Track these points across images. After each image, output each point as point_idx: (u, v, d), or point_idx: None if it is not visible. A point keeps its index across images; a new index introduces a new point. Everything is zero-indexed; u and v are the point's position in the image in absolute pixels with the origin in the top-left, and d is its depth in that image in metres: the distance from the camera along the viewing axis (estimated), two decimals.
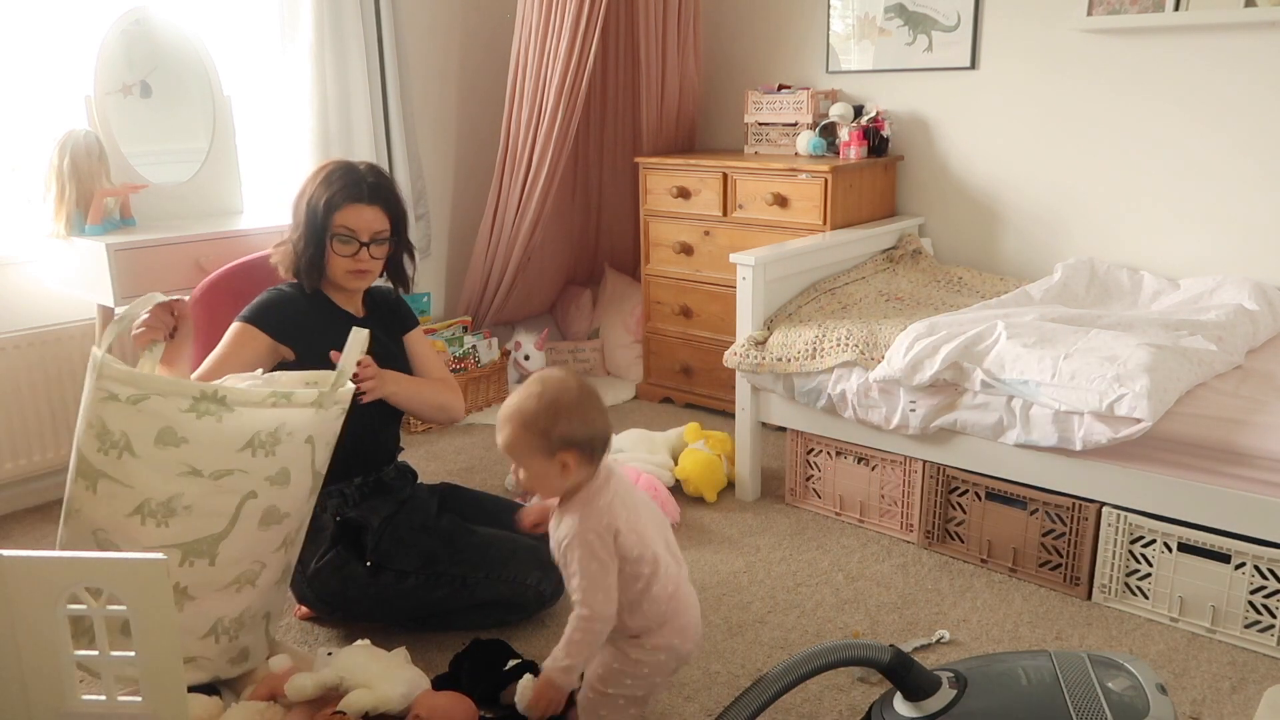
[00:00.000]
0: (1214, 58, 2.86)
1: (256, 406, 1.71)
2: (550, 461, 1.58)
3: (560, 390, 1.59)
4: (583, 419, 1.59)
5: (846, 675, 1.99)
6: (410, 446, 3.30)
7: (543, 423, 1.56)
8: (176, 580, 1.70)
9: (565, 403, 1.58)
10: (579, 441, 1.58)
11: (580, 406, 1.59)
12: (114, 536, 1.68)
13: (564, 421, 1.57)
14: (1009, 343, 2.32)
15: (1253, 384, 2.27)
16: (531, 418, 1.57)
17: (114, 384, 1.65)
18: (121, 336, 1.87)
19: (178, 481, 1.68)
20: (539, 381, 1.61)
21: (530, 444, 1.58)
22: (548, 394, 1.58)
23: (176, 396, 1.66)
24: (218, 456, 1.69)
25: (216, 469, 1.69)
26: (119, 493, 1.67)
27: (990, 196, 3.37)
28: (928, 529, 2.54)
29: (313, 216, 2.10)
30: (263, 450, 1.73)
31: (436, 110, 3.80)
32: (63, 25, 2.83)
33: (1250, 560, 2.05)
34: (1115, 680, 1.58)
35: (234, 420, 1.69)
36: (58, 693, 1.51)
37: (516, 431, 1.58)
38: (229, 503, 1.72)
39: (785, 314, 2.82)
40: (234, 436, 1.70)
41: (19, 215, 2.82)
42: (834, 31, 3.60)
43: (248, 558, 1.79)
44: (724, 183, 3.42)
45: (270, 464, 1.75)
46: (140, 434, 1.65)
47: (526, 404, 1.58)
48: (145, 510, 1.67)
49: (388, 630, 2.15)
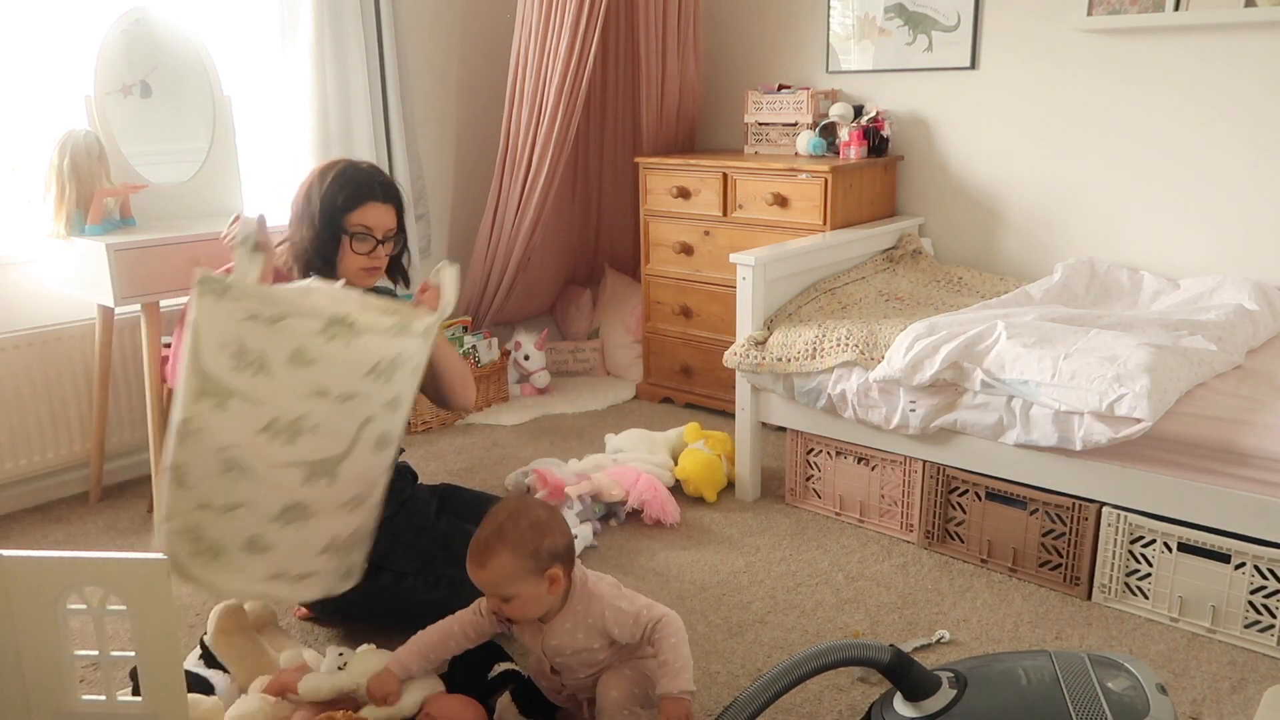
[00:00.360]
0: (1214, 58, 2.86)
1: (381, 334, 1.72)
2: (540, 581, 1.64)
3: (531, 510, 1.67)
4: (560, 531, 1.67)
5: (846, 675, 1.99)
6: (410, 447, 3.30)
7: (530, 544, 1.63)
8: (299, 498, 1.72)
9: (541, 520, 1.66)
10: (562, 553, 1.66)
11: (553, 520, 1.68)
12: (242, 453, 1.68)
13: (547, 537, 1.64)
14: (1009, 343, 2.32)
15: (1253, 384, 2.27)
16: (518, 542, 1.62)
17: (255, 303, 1.65)
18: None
19: (306, 401, 1.69)
20: (506, 510, 1.67)
21: (521, 567, 1.63)
22: (523, 516, 1.65)
23: (310, 318, 1.66)
24: (345, 379, 1.70)
25: (343, 391, 1.70)
26: (251, 411, 1.67)
27: (990, 196, 3.37)
28: (928, 529, 2.54)
29: (327, 215, 2.09)
30: (383, 377, 1.74)
31: (436, 110, 3.80)
32: (63, 25, 2.83)
33: (1250, 560, 2.05)
34: (1115, 680, 1.58)
35: (360, 345, 1.70)
36: (58, 692, 1.51)
37: (505, 560, 1.63)
38: (351, 425, 1.74)
39: (785, 314, 2.82)
40: (360, 361, 1.71)
41: (19, 215, 2.82)
42: (834, 31, 3.60)
43: (362, 480, 1.82)
44: (724, 183, 3.42)
45: (388, 390, 1.77)
46: (275, 353, 1.66)
47: (508, 532, 1.63)
48: (274, 428, 1.68)
49: (387, 630, 2.15)
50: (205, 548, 1.69)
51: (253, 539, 1.70)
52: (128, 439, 3.03)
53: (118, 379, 2.96)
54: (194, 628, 2.20)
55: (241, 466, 1.67)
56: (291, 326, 1.65)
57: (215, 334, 1.66)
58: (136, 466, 3.10)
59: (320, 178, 2.13)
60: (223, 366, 1.66)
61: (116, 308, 2.64)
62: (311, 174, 2.17)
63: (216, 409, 1.67)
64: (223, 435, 1.68)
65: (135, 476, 3.09)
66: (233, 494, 1.68)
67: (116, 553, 1.66)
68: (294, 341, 1.65)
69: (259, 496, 1.69)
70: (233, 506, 1.68)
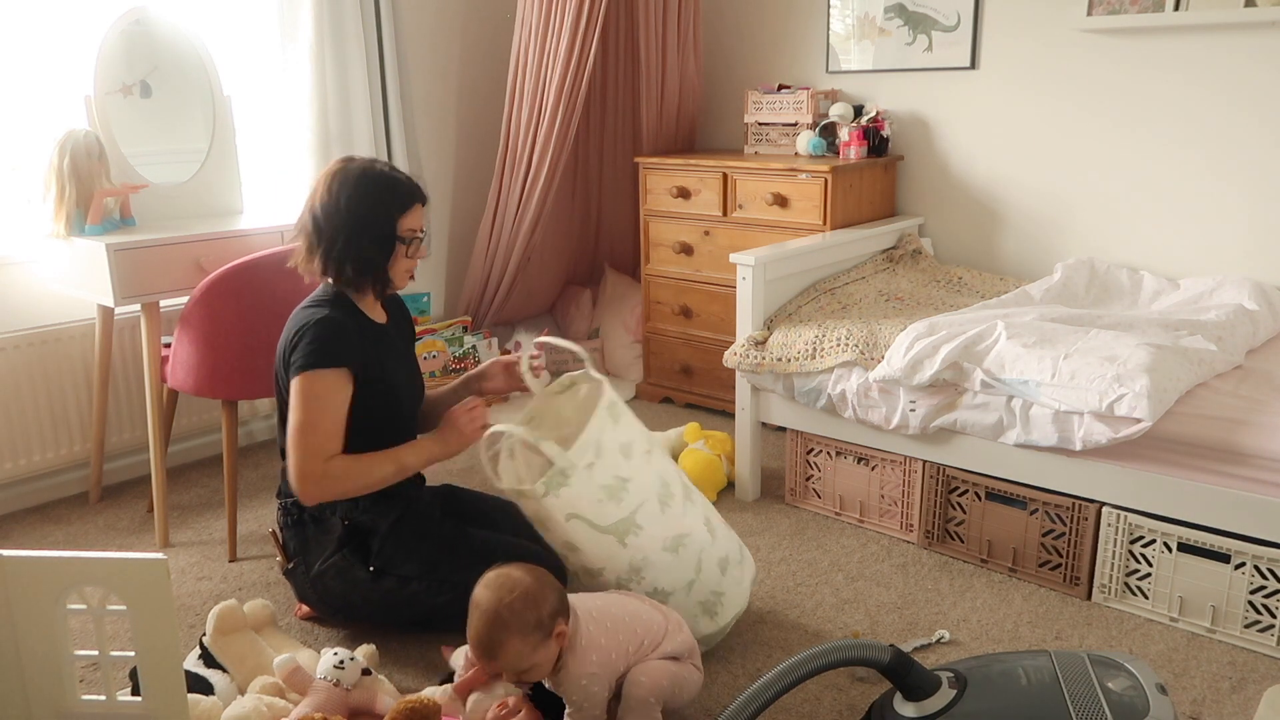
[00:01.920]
0: (1214, 58, 2.86)
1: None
2: (550, 642, 1.66)
3: (516, 584, 1.65)
4: (548, 586, 1.68)
5: (846, 675, 1.99)
6: None
7: (531, 619, 1.63)
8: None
9: (530, 589, 1.65)
10: (560, 609, 1.67)
11: (539, 582, 1.67)
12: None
13: (543, 603, 1.65)
14: (1009, 343, 2.32)
15: (1253, 384, 2.27)
16: (520, 624, 1.62)
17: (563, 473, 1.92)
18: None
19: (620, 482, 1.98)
20: (497, 589, 1.66)
21: (530, 643, 1.63)
22: (517, 589, 1.64)
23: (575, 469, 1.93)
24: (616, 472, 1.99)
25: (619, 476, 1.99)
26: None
27: (990, 196, 3.37)
28: (928, 529, 2.54)
29: (380, 223, 2.06)
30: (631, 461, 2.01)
31: (436, 110, 3.80)
32: (63, 25, 2.83)
33: (1250, 560, 2.05)
34: (1115, 680, 1.58)
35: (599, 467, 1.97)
36: (58, 692, 1.51)
37: (515, 645, 1.63)
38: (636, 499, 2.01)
39: (785, 314, 2.82)
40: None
41: (19, 215, 2.82)
42: (834, 31, 3.60)
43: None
44: (724, 183, 3.42)
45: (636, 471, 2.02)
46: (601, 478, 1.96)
47: (506, 619, 1.62)
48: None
49: (386, 631, 2.15)
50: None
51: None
52: (128, 439, 3.03)
53: (118, 379, 2.97)
54: (194, 628, 2.20)
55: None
56: (581, 477, 1.92)
57: (585, 499, 1.93)
58: (136, 466, 3.10)
59: (355, 185, 2.05)
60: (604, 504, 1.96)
61: (116, 308, 2.64)
62: (335, 181, 2.06)
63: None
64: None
65: (135, 476, 3.10)
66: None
67: (116, 553, 1.66)
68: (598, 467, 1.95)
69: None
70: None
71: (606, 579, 1.98)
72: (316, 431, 1.99)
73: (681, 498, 2.05)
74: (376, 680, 1.87)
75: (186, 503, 2.92)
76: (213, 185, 3.00)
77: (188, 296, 2.54)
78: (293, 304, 2.16)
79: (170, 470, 3.12)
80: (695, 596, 2.02)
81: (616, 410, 2.01)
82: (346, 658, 1.84)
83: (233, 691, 1.88)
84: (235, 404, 2.56)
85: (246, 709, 1.73)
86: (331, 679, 1.81)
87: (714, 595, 2.05)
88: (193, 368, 2.52)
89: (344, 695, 1.80)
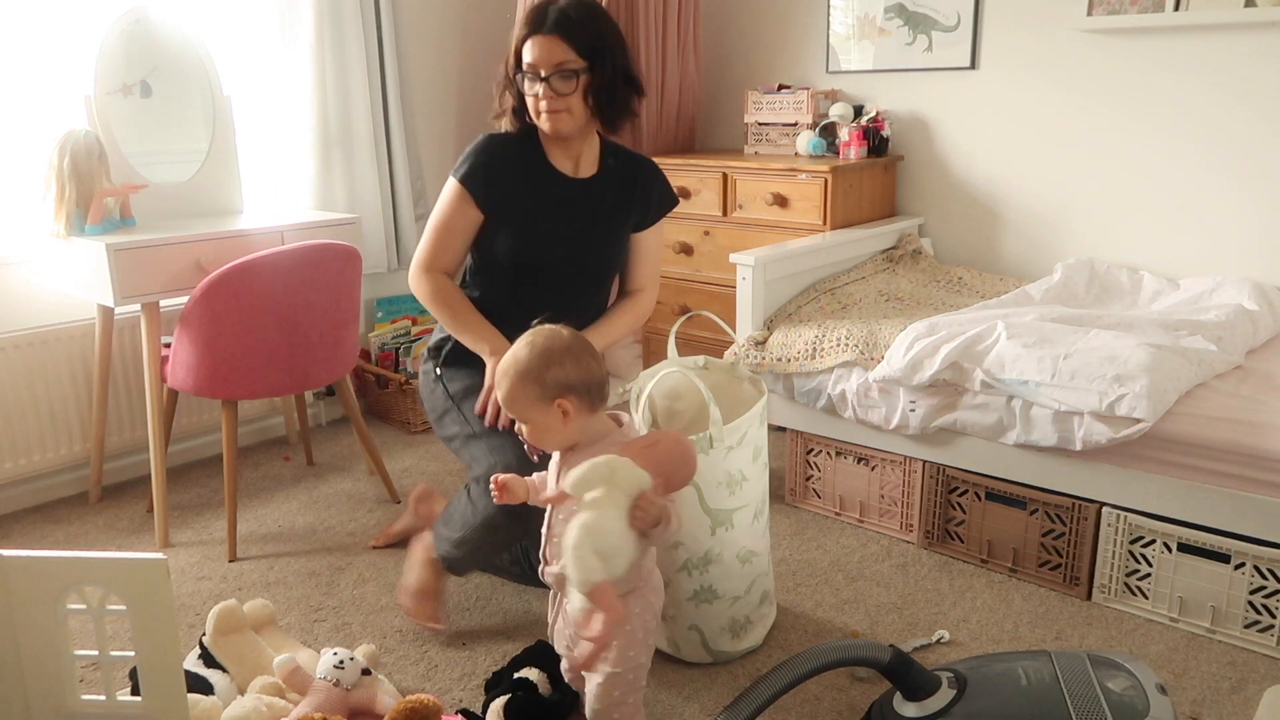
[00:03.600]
0: (1214, 58, 2.86)
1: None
2: (549, 409, 1.62)
3: (551, 339, 1.65)
4: (575, 363, 1.63)
5: (846, 675, 1.99)
6: (410, 446, 3.31)
7: (536, 370, 1.62)
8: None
9: (557, 350, 1.63)
10: (574, 385, 1.62)
11: (572, 352, 1.64)
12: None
13: (556, 367, 1.61)
14: (1009, 343, 2.32)
15: (1252, 384, 2.27)
16: (525, 367, 1.62)
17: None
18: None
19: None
20: (531, 334, 1.67)
21: (528, 393, 1.62)
22: (539, 343, 1.64)
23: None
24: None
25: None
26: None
27: (990, 196, 3.37)
28: (928, 529, 2.54)
29: (513, 57, 2.02)
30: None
31: (437, 110, 3.80)
32: (63, 25, 2.83)
33: (1250, 560, 2.05)
34: (1115, 680, 1.58)
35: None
36: (58, 692, 1.51)
37: (514, 383, 1.63)
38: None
39: (785, 314, 2.82)
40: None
41: (19, 215, 2.82)
42: (834, 31, 3.60)
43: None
44: (724, 183, 3.42)
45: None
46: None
47: (520, 355, 1.64)
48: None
49: (386, 632, 2.15)
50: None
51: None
52: (127, 439, 3.03)
53: (117, 379, 2.97)
54: (194, 628, 2.20)
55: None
56: (719, 453, 1.94)
57: (710, 475, 1.94)
58: (136, 466, 3.10)
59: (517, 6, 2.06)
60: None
61: (116, 308, 2.64)
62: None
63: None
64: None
65: (135, 476, 3.10)
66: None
67: (116, 553, 1.66)
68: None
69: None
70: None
71: (678, 555, 1.98)
72: (428, 236, 2.05)
73: (766, 520, 2.10)
74: (376, 680, 1.87)
75: (186, 503, 2.92)
76: (213, 185, 3.00)
77: (188, 296, 2.54)
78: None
79: (170, 470, 3.12)
80: (732, 612, 2.04)
81: (764, 416, 2.05)
82: (346, 658, 1.84)
83: (233, 691, 1.88)
84: (235, 404, 2.56)
85: (246, 709, 1.73)
86: (331, 679, 1.81)
87: (746, 620, 2.08)
88: (193, 368, 2.52)
89: (344, 695, 1.80)
